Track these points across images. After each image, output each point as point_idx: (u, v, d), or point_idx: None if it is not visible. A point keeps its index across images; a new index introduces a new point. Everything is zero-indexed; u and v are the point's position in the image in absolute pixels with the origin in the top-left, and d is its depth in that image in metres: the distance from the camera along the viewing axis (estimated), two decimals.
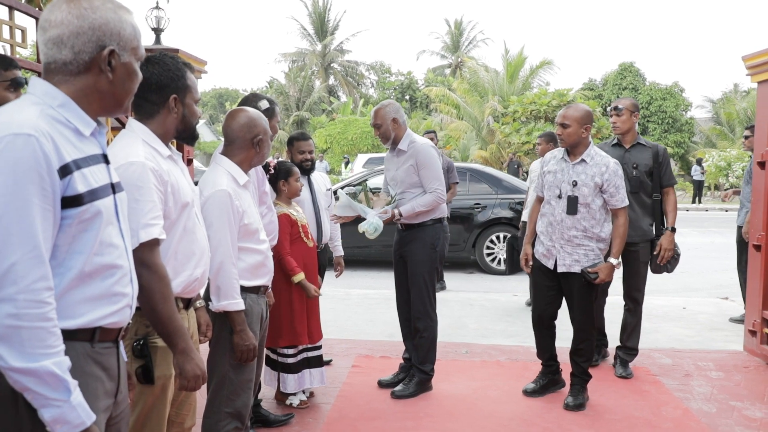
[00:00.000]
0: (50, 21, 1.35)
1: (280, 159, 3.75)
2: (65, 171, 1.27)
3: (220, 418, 2.48)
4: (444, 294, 6.62)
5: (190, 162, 4.41)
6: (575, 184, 3.49)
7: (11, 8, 3.38)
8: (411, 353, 3.95)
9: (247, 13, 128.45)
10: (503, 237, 8.28)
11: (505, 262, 8.08)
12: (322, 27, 40.95)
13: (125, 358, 1.54)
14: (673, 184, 4.16)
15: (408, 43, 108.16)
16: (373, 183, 7.65)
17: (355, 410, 3.58)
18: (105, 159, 1.42)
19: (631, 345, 4.21)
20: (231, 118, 2.51)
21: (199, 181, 2.46)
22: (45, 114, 1.29)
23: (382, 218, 3.67)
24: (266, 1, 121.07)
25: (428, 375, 3.85)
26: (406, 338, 4.01)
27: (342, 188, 7.65)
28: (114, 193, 1.42)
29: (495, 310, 6.10)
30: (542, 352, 3.81)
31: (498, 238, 8.34)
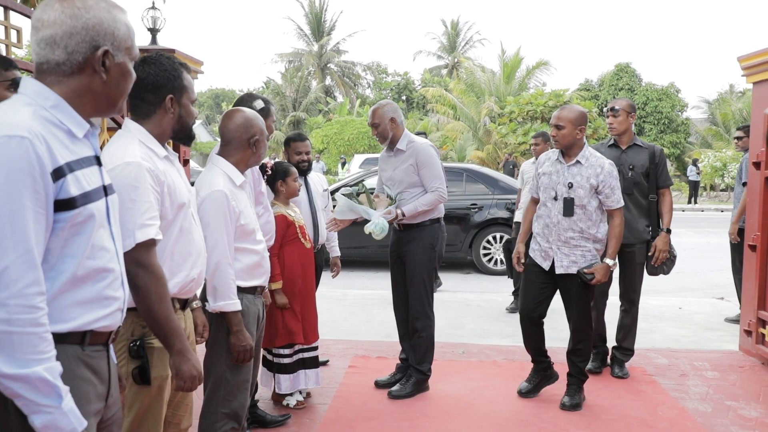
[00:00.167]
0: (43, 20, 1.32)
1: (277, 159, 3.75)
2: (58, 174, 1.25)
3: (216, 418, 2.48)
4: (441, 294, 6.61)
5: (186, 162, 4.40)
6: (571, 186, 3.49)
7: (6, 8, 3.36)
8: (408, 354, 3.95)
9: (243, 13, 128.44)
10: (500, 237, 8.29)
11: (502, 262, 8.09)
12: (319, 27, 40.95)
13: (115, 361, 1.52)
14: (669, 185, 4.13)
15: (404, 43, 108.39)
16: (370, 183, 7.64)
17: (352, 410, 3.58)
18: (97, 161, 1.40)
19: (627, 346, 4.22)
20: (227, 119, 2.51)
21: (196, 182, 2.45)
22: (38, 115, 1.27)
23: (387, 218, 3.64)
24: (263, 2, 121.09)
25: (426, 375, 3.85)
26: (403, 339, 4.01)
27: (338, 189, 7.65)
28: (106, 195, 1.40)
29: (492, 311, 6.11)
30: (531, 347, 3.74)
31: (495, 238, 8.35)
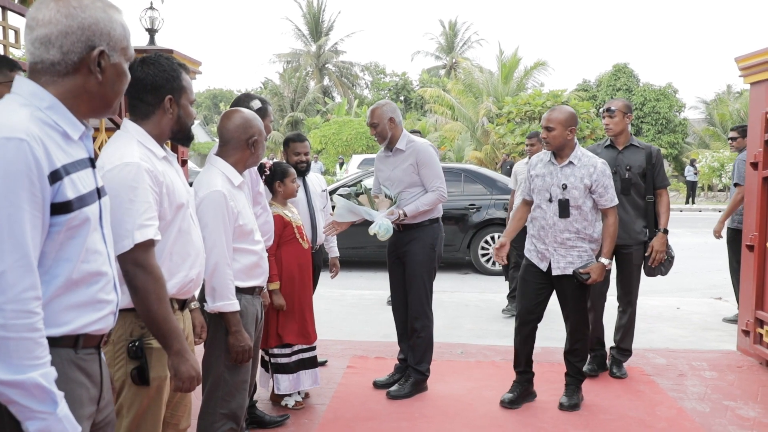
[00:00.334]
0: (37, 19, 1.30)
1: (275, 160, 3.74)
2: (55, 177, 1.23)
3: (215, 419, 2.48)
4: (439, 295, 6.57)
5: (184, 163, 4.40)
6: (565, 188, 3.47)
7: (4, 8, 3.36)
8: (406, 354, 3.95)
9: (241, 13, 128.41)
10: (498, 238, 8.28)
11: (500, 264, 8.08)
12: (317, 28, 40.95)
13: (105, 362, 1.51)
14: (666, 185, 4.11)
15: (402, 44, 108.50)
16: (368, 184, 7.62)
17: (351, 411, 3.58)
18: (91, 163, 1.38)
19: (625, 346, 4.21)
20: (226, 119, 2.51)
21: (194, 182, 2.45)
22: (35, 117, 1.25)
23: (390, 219, 3.63)
24: (260, 2, 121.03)
25: (424, 375, 3.85)
26: (402, 340, 4.01)
27: (336, 189, 7.64)
28: (99, 198, 1.38)
29: (490, 311, 6.12)
30: (525, 354, 3.67)
31: (493, 238, 8.35)
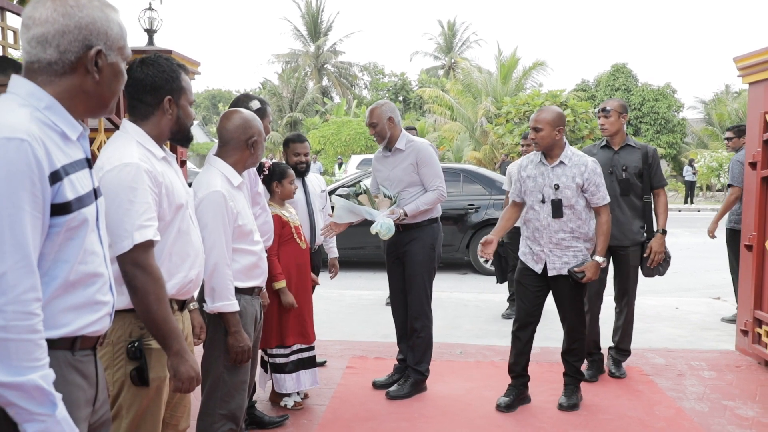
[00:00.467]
0: (34, 18, 1.29)
1: (274, 160, 3.74)
2: (55, 178, 1.23)
3: (214, 419, 2.48)
4: (438, 295, 6.58)
5: (183, 163, 4.40)
6: (557, 188, 3.46)
7: (3, 9, 3.35)
8: (406, 355, 3.95)
9: (240, 14, 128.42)
10: None
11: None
12: (316, 28, 40.93)
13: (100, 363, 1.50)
14: (663, 185, 4.09)
15: (401, 44, 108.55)
16: (367, 184, 7.62)
17: (350, 411, 3.58)
18: (88, 164, 1.38)
19: (623, 346, 4.21)
20: (225, 120, 2.51)
21: (193, 183, 2.45)
22: (34, 117, 1.24)
23: (391, 218, 3.63)
24: (259, 2, 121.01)
25: (424, 375, 3.85)
26: (401, 340, 4.01)
27: (335, 189, 7.63)
28: (96, 199, 1.38)
29: (489, 311, 6.12)
30: (519, 362, 3.64)
31: None
